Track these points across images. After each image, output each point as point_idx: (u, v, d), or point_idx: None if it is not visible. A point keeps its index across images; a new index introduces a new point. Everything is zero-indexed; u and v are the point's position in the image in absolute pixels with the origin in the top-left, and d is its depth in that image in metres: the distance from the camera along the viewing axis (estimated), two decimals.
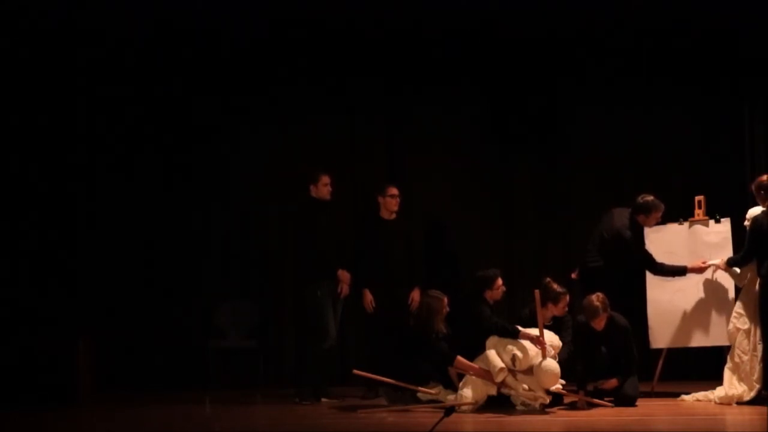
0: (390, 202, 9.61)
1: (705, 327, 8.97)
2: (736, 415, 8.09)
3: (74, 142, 10.45)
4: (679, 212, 9.34)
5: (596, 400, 8.58)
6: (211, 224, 10.70)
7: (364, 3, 10.15)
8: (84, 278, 10.46)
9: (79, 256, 10.46)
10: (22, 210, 10.18)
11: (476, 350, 8.60)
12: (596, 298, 8.48)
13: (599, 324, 8.51)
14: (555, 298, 8.76)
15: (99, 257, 10.57)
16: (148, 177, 10.67)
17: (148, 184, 10.66)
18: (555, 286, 8.79)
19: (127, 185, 10.65)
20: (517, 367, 8.45)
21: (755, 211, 8.62)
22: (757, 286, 8.47)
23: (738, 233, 8.85)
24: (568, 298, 8.85)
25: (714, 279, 8.95)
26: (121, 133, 10.65)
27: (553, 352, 8.52)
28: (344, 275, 9.33)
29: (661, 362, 9.28)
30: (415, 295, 9.41)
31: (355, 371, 8.84)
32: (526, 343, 8.46)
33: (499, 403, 8.55)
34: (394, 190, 9.65)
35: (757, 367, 8.43)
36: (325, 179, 9.40)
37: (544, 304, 8.65)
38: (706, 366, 9.57)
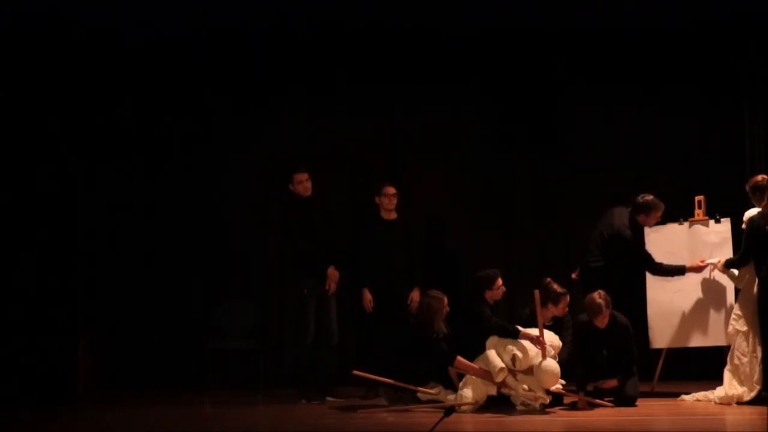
0: (386, 201, 9.60)
1: (704, 327, 8.97)
2: (736, 415, 8.08)
3: (73, 143, 10.43)
4: (679, 212, 9.34)
5: (596, 400, 8.57)
6: (210, 224, 10.69)
7: (365, 2, 10.13)
8: (84, 278, 10.45)
9: (79, 255, 10.44)
10: (21, 210, 10.16)
11: (476, 350, 8.59)
12: (598, 296, 8.47)
13: (602, 321, 8.49)
14: (555, 299, 8.75)
15: (99, 257, 10.57)
16: (147, 177, 10.67)
17: (147, 184, 10.66)
18: (555, 286, 8.78)
19: (127, 185, 10.65)
20: (517, 367, 8.45)
21: (752, 212, 8.60)
22: (755, 288, 8.47)
23: (738, 233, 8.84)
24: (568, 298, 8.85)
25: (713, 279, 8.96)
26: (121, 133, 10.65)
27: (553, 352, 8.52)
28: (333, 273, 9.30)
29: (661, 362, 9.29)
30: (415, 295, 9.41)
31: (355, 371, 8.83)
32: (526, 343, 8.46)
33: (499, 403, 8.54)
34: (391, 189, 9.65)
35: (757, 369, 8.41)
36: (300, 177, 9.30)
37: (544, 305, 8.64)
38: (706, 366, 9.58)
